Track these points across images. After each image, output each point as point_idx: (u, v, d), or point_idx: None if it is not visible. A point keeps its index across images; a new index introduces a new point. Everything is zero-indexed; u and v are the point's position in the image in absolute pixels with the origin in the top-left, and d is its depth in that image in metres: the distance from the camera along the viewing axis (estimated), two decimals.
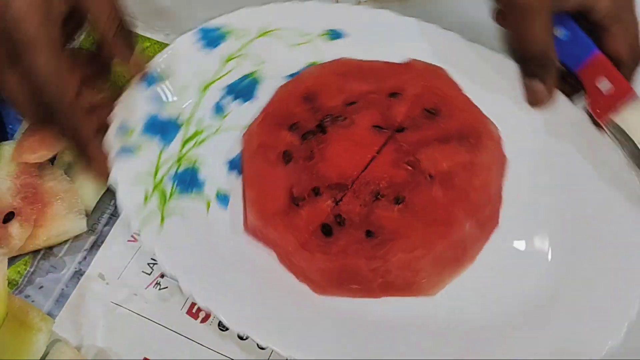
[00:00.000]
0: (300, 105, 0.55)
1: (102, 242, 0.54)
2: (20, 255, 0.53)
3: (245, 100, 0.56)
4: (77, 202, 0.54)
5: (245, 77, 0.57)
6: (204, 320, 0.51)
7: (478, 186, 0.51)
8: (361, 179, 0.51)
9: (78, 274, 0.52)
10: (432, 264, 0.48)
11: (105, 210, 0.55)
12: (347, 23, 0.58)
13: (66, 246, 0.53)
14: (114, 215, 0.55)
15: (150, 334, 0.50)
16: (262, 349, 0.49)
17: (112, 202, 0.55)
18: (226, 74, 0.57)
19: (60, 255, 0.53)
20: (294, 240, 0.48)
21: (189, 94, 0.55)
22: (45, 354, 0.48)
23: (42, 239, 0.53)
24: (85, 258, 0.53)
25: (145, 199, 0.50)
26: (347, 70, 0.56)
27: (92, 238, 0.54)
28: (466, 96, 0.55)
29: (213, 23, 0.57)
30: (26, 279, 0.52)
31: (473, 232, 0.50)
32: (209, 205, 0.52)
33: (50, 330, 0.48)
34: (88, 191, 0.55)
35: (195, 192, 0.52)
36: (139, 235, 0.49)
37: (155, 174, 0.52)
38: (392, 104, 0.54)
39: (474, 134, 0.52)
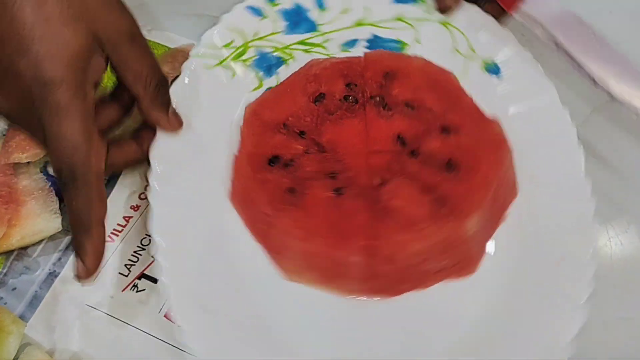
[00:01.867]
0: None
1: None
2: None
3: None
4: (52, 202, 0.52)
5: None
6: None
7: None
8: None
9: (52, 275, 0.51)
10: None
11: None
12: None
13: (40, 246, 0.52)
14: None
15: (126, 338, 0.48)
16: None
17: None
18: None
19: (34, 256, 0.51)
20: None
21: None
22: (16, 358, 0.46)
23: (16, 239, 0.51)
24: (60, 259, 0.51)
25: None
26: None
27: (67, 238, 0.52)
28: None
29: None
30: None
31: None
32: None
33: (22, 334, 0.47)
34: None
35: None
36: None
37: None
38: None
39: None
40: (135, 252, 0.52)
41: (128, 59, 0.47)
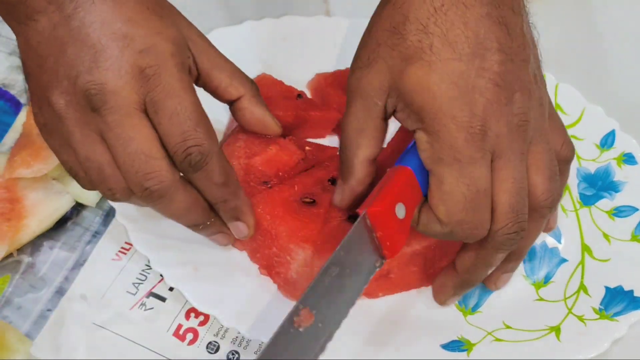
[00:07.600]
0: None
1: (85, 261, 0.51)
2: None
3: None
4: (53, 185, 0.53)
5: None
6: (191, 342, 0.48)
7: None
8: None
9: (59, 294, 0.50)
10: None
11: (88, 227, 0.53)
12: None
13: (47, 264, 0.51)
14: (98, 233, 0.52)
15: (133, 357, 0.47)
16: None
17: (96, 218, 0.53)
18: None
19: (40, 274, 0.51)
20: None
21: None
22: None
23: (35, 224, 0.51)
24: (66, 277, 0.50)
25: None
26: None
27: (74, 256, 0.51)
28: None
29: None
30: (4, 299, 0.49)
31: None
32: None
33: (28, 353, 0.46)
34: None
35: None
36: None
37: None
38: None
39: None
40: (143, 270, 0.51)
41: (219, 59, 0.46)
